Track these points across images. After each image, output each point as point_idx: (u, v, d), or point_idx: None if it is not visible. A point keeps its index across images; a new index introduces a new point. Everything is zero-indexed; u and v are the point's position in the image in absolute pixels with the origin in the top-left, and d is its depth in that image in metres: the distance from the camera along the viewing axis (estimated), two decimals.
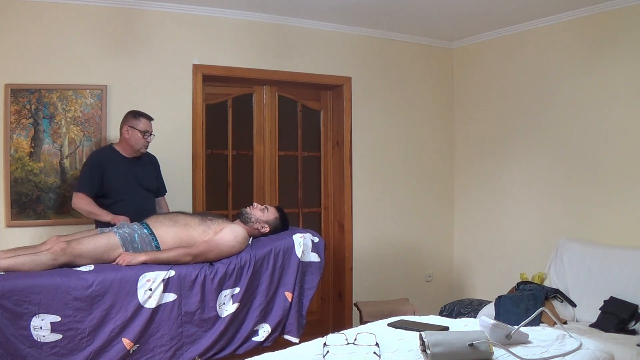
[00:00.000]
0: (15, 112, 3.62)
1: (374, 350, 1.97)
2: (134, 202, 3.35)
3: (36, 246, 2.93)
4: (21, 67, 3.64)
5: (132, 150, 3.40)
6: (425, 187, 5.03)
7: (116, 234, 2.91)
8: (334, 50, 4.62)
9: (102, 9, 3.82)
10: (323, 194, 4.83)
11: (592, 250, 3.76)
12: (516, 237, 4.58)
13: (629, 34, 3.81)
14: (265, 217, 3.26)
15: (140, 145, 3.39)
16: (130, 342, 2.70)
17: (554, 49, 4.30)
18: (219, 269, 2.94)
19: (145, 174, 3.53)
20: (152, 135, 3.43)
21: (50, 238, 3.01)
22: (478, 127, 4.93)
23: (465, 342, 1.88)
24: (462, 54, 5.09)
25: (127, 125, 3.38)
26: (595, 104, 4.03)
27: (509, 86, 4.66)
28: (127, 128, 3.37)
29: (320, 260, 3.28)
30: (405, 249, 4.92)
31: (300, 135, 4.76)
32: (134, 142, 3.37)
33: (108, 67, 3.85)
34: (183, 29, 4.07)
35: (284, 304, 3.14)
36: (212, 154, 4.37)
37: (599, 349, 2.07)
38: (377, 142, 4.81)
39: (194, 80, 4.10)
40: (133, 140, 3.37)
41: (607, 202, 3.95)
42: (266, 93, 4.56)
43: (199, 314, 2.87)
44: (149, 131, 3.40)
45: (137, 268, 2.78)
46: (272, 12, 4.24)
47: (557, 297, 3.68)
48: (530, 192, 4.49)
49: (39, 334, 2.53)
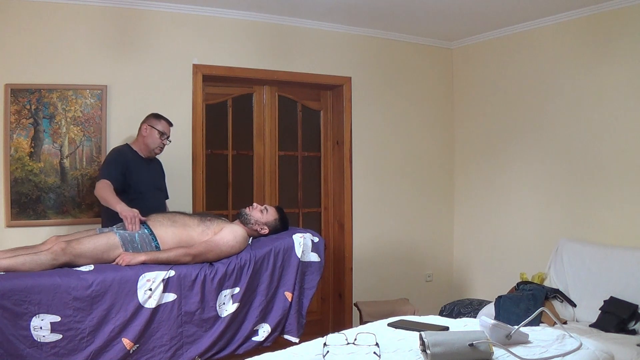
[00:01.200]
0: (15, 112, 3.62)
1: (374, 350, 1.97)
2: (149, 200, 3.36)
3: (36, 246, 2.93)
4: (21, 67, 3.64)
5: (147, 149, 3.45)
6: (425, 187, 5.03)
7: (116, 233, 2.91)
8: (334, 50, 4.62)
9: (102, 9, 3.82)
10: (323, 194, 4.83)
11: (592, 250, 3.76)
12: (516, 237, 4.58)
13: (629, 34, 3.81)
14: (264, 218, 3.25)
15: (156, 146, 3.44)
16: (130, 342, 2.70)
17: (554, 49, 4.30)
18: (218, 269, 2.94)
19: (158, 175, 3.62)
20: (168, 139, 3.47)
21: (50, 238, 3.00)
22: (478, 127, 4.93)
23: (465, 342, 1.88)
24: (462, 54, 5.09)
25: (147, 124, 3.44)
26: (595, 103, 4.03)
27: (509, 86, 4.66)
28: (146, 126, 3.43)
29: (320, 260, 3.28)
30: (405, 249, 4.92)
31: (300, 135, 4.76)
32: (150, 141, 3.42)
33: (108, 67, 3.85)
34: (183, 29, 4.07)
35: (284, 304, 3.14)
36: (212, 154, 4.37)
37: (599, 349, 2.07)
38: (377, 142, 4.81)
39: (194, 80, 4.10)
40: (150, 139, 3.42)
41: (607, 202, 3.95)
42: (266, 93, 4.56)
43: (199, 314, 2.87)
44: (166, 134, 3.45)
45: (137, 268, 2.78)
46: (272, 12, 4.24)
47: (557, 297, 3.68)
48: (530, 192, 4.49)
49: (39, 334, 2.53)
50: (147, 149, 3.45)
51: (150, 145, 3.44)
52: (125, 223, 2.96)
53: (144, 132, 3.44)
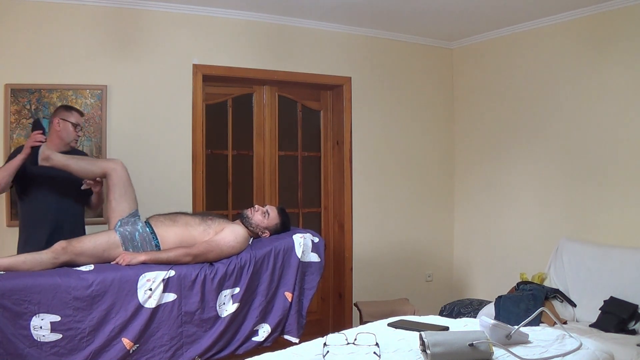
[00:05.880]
0: (15, 112, 3.62)
1: (374, 350, 1.97)
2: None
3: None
4: (21, 67, 3.64)
5: (62, 143, 3.25)
6: (425, 187, 5.03)
7: (117, 232, 2.91)
8: (334, 50, 4.62)
9: (102, 9, 3.82)
10: (323, 194, 4.83)
11: (592, 250, 3.76)
12: (516, 237, 4.58)
13: (629, 34, 3.81)
14: (265, 223, 3.24)
15: (72, 139, 3.27)
16: (130, 342, 2.70)
17: (554, 49, 4.30)
18: (219, 269, 2.94)
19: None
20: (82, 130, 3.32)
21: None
22: (478, 127, 4.93)
23: (465, 342, 1.88)
24: (462, 54, 5.09)
25: (59, 118, 3.24)
26: (595, 103, 4.03)
27: (509, 86, 4.66)
28: (58, 120, 3.24)
29: (320, 261, 3.27)
30: (405, 249, 4.92)
31: (300, 135, 4.76)
32: (65, 134, 3.24)
33: (108, 67, 3.85)
34: (183, 29, 4.07)
35: (284, 304, 3.14)
36: (212, 154, 4.37)
37: (599, 349, 2.07)
38: (377, 142, 4.81)
39: (194, 80, 4.10)
40: (64, 132, 3.24)
41: (607, 202, 3.95)
42: (266, 93, 4.56)
43: (199, 314, 2.87)
44: (80, 125, 3.30)
45: (137, 268, 2.78)
46: (272, 12, 4.24)
47: (557, 297, 3.68)
48: (530, 192, 4.49)
49: (38, 334, 2.53)
50: (62, 143, 3.25)
51: (65, 138, 3.24)
52: (27, 144, 2.90)
53: (57, 126, 3.24)
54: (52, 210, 3.13)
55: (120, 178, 3.04)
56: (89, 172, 3.09)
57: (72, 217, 3.23)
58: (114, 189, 3.03)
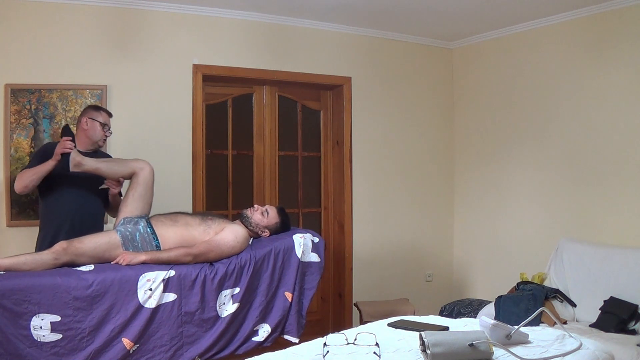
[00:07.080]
0: (15, 112, 3.62)
1: (374, 350, 1.97)
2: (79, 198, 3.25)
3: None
4: (21, 67, 3.65)
5: (89, 142, 3.25)
6: (425, 187, 5.03)
7: (117, 232, 2.91)
8: (334, 50, 4.62)
9: (102, 9, 3.83)
10: (323, 194, 4.83)
11: (592, 250, 3.76)
12: (516, 237, 4.58)
13: (629, 34, 3.81)
14: (265, 222, 3.24)
15: (99, 138, 3.26)
16: (130, 342, 2.70)
17: (554, 49, 4.30)
18: (219, 269, 2.94)
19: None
20: (110, 130, 3.31)
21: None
22: (478, 127, 4.93)
23: (465, 342, 1.88)
24: (461, 54, 5.09)
25: (87, 117, 3.24)
26: (595, 103, 4.03)
27: (509, 86, 4.66)
28: (87, 119, 3.24)
29: (320, 261, 3.27)
30: (405, 249, 4.92)
31: (300, 135, 4.76)
32: (92, 133, 3.24)
33: (108, 67, 3.85)
34: (183, 29, 4.07)
35: (284, 304, 3.14)
36: (212, 154, 4.37)
37: (599, 349, 2.07)
38: (377, 142, 4.81)
39: (194, 80, 4.10)
40: (92, 131, 3.23)
41: (607, 202, 3.95)
42: (266, 93, 4.56)
43: (199, 314, 2.87)
44: (107, 125, 3.29)
45: (137, 268, 2.78)
46: (272, 12, 4.24)
47: (557, 297, 3.68)
48: (530, 192, 4.49)
49: (38, 334, 2.53)
50: (90, 142, 3.25)
51: (93, 137, 3.24)
52: (57, 151, 2.91)
53: (85, 125, 3.23)
54: (72, 210, 3.13)
55: (145, 179, 3.07)
56: (119, 173, 3.13)
57: (91, 217, 3.23)
58: (135, 187, 3.06)
